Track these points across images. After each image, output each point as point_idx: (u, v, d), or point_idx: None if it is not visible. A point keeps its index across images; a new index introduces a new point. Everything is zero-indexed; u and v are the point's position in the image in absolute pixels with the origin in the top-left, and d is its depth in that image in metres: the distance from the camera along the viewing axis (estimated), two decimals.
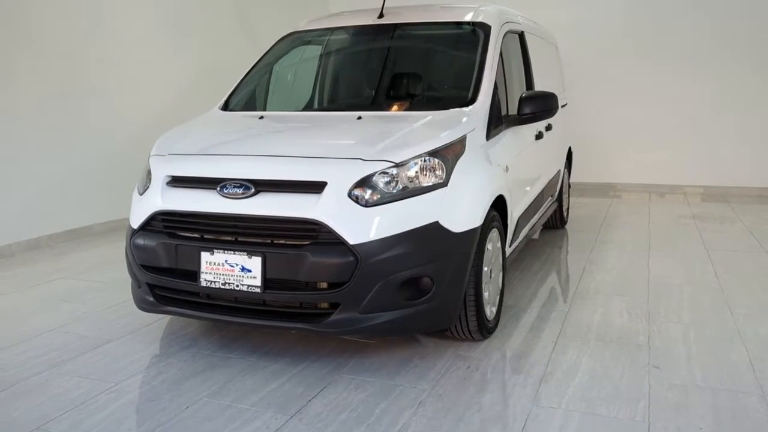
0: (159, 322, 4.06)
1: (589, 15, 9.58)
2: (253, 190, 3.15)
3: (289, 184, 3.16)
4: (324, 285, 3.14)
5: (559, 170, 6.23)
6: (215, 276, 3.20)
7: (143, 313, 4.15)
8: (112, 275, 5.14)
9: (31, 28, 5.95)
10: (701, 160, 9.49)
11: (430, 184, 3.20)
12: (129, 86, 7.05)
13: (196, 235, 3.31)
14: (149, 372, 3.34)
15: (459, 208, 3.26)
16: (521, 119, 4.18)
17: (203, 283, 3.23)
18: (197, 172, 3.34)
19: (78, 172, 6.51)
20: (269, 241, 3.16)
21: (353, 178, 3.10)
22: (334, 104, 4.42)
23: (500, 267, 3.89)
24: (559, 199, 6.46)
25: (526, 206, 4.58)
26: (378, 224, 3.05)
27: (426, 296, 3.16)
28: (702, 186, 9.49)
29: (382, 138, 3.36)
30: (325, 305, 3.19)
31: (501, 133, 3.98)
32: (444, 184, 3.23)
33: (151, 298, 3.45)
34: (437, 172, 3.23)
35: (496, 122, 3.91)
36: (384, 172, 3.13)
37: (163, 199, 3.36)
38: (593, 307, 4.30)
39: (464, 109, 3.76)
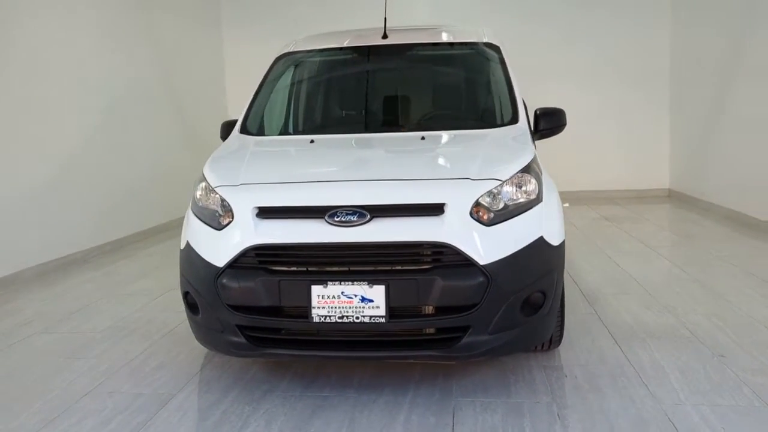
0: (209, 366, 3.71)
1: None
2: (368, 216, 3.01)
3: (404, 208, 3.06)
4: (431, 309, 3.08)
5: None
6: (330, 310, 3.00)
7: (180, 360, 3.82)
8: (100, 324, 4.58)
9: None
10: (588, 167, 10.39)
11: (529, 199, 3.25)
12: (47, 114, 6.30)
13: (301, 269, 3.08)
14: (256, 422, 3.04)
15: (553, 221, 3.35)
16: (540, 134, 4.35)
17: (316, 319, 3.01)
18: (300, 201, 3.11)
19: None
20: (388, 268, 3.03)
21: (471, 197, 3.07)
22: (375, 125, 4.27)
23: None
24: None
25: None
26: (502, 243, 3.06)
27: (540, 311, 3.21)
28: (591, 191, 10.38)
29: (472, 156, 3.37)
30: (431, 331, 3.13)
31: None
32: (540, 198, 3.30)
33: (243, 341, 3.14)
34: (532, 188, 3.29)
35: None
36: (492, 191, 3.14)
37: (258, 233, 3.08)
38: (613, 307, 4.58)
39: (514, 126, 3.87)
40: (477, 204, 3.08)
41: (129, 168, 7.61)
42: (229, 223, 3.18)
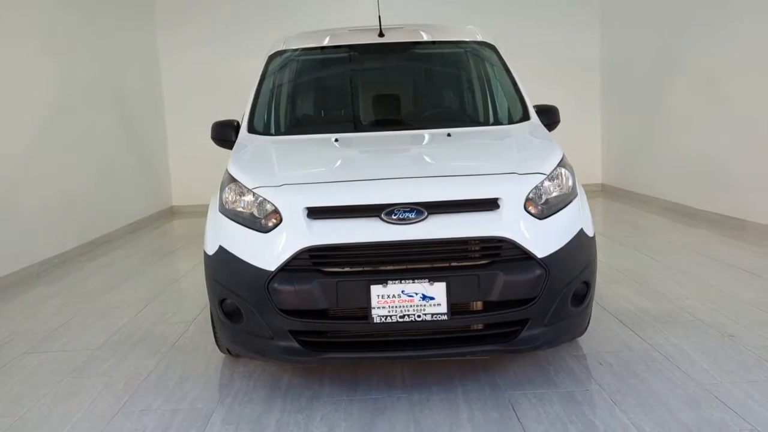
0: (237, 377, 3.54)
1: None
2: (425, 213, 2.98)
3: (460, 204, 3.05)
4: (480, 305, 3.09)
5: None
6: (390, 309, 2.95)
7: (201, 372, 3.66)
8: (93, 340, 4.28)
9: None
10: None
11: (568, 192, 3.33)
12: None
13: (356, 269, 3.01)
14: (318, 430, 2.94)
15: (587, 214, 3.44)
16: None
17: (376, 319, 2.94)
18: (356, 200, 3.02)
19: None
20: (446, 264, 3.02)
21: (523, 191, 3.11)
22: (392, 123, 4.19)
23: None
24: None
25: None
26: (554, 235, 3.11)
27: (585, 301, 3.29)
28: None
29: (511, 151, 3.42)
30: (480, 327, 3.14)
31: None
32: (575, 191, 3.39)
33: (298, 346, 3.02)
34: (568, 181, 3.37)
35: None
36: (538, 185, 3.19)
37: (312, 234, 2.97)
38: (610, 296, 4.75)
39: (528, 122, 3.96)
40: (529, 198, 3.12)
41: (70, 176, 7.10)
42: (277, 225, 3.05)
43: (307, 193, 3.10)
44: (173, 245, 7.54)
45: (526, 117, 4.04)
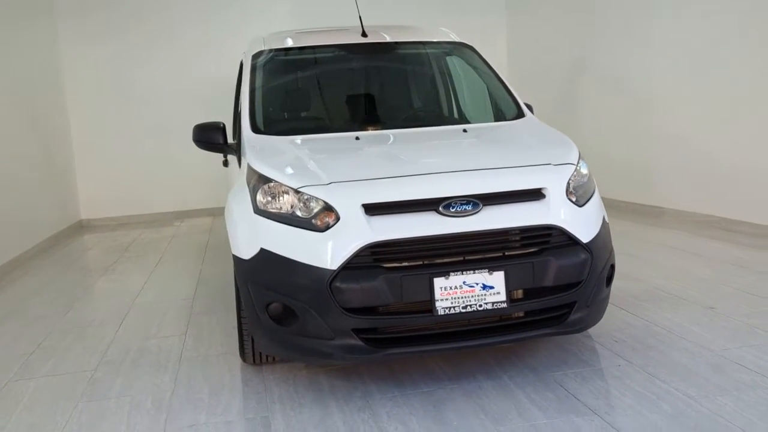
0: (273, 384, 3.43)
1: None
2: (481, 205, 3.06)
3: (510, 195, 3.15)
4: (520, 293, 3.22)
5: None
6: (453, 301, 3.00)
7: (229, 382, 3.55)
8: (86, 361, 3.96)
9: None
10: None
11: (588, 182, 3.54)
12: None
13: (416, 263, 3.03)
14: (393, 427, 2.92)
15: (601, 201, 3.67)
16: None
17: (440, 312, 2.98)
18: (414, 195, 3.03)
19: None
20: (501, 254, 3.11)
21: (563, 181, 3.27)
22: (401, 121, 4.19)
23: None
24: None
25: None
26: (592, 222, 3.31)
27: (611, 282, 3.51)
28: None
29: (538, 144, 3.61)
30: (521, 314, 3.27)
31: None
32: (593, 181, 3.61)
33: (361, 344, 2.99)
34: (587, 171, 3.58)
35: None
36: (572, 175, 3.37)
37: (373, 230, 2.96)
38: None
39: (527, 118, 4.15)
40: (568, 187, 3.28)
41: None
42: (332, 223, 3.01)
43: (362, 189, 3.07)
44: (106, 260, 7.05)
45: (521, 113, 4.21)
